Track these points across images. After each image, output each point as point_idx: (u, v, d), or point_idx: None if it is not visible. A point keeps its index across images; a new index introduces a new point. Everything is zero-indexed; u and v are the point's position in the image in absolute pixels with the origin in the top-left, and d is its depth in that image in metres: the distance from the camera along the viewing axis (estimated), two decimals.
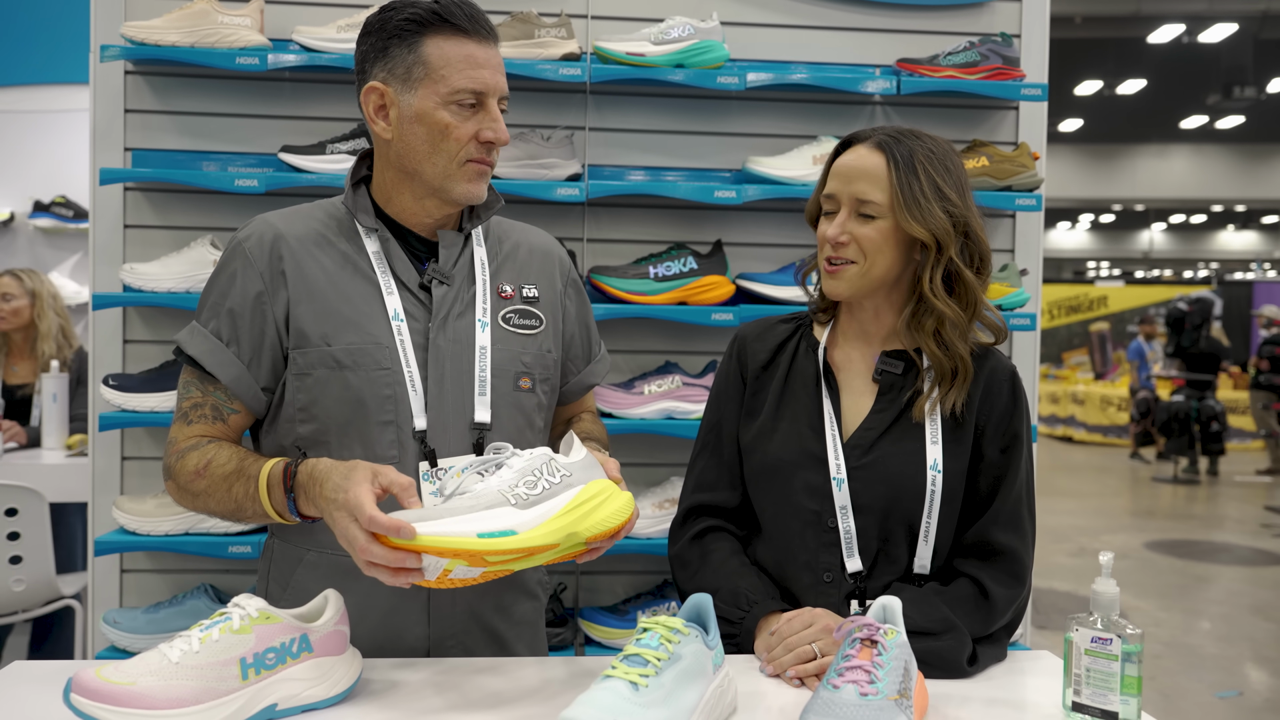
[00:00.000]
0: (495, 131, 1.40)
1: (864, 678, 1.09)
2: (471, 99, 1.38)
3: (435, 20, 1.37)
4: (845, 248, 1.46)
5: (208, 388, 1.41)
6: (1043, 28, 2.67)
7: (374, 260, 1.43)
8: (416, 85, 1.38)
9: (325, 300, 1.40)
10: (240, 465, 1.34)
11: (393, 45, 1.39)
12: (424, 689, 1.25)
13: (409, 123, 1.39)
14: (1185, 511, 8.65)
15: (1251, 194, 19.78)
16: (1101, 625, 1.16)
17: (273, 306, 1.40)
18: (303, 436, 1.41)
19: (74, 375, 3.76)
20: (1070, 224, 25.77)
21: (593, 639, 2.39)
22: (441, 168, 1.40)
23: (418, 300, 1.44)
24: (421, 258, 1.47)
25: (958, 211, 1.44)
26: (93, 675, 1.07)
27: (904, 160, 1.44)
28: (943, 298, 1.45)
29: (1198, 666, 4.62)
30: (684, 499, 1.62)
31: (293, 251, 1.42)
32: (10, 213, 4.90)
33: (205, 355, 1.40)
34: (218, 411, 1.41)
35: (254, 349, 1.40)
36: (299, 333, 1.40)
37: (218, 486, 1.34)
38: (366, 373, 1.39)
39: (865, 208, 1.45)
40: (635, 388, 2.43)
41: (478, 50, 1.39)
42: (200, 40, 2.32)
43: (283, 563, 1.46)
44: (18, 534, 2.93)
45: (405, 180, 1.43)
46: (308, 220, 1.46)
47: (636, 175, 2.58)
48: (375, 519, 1.11)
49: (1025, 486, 1.50)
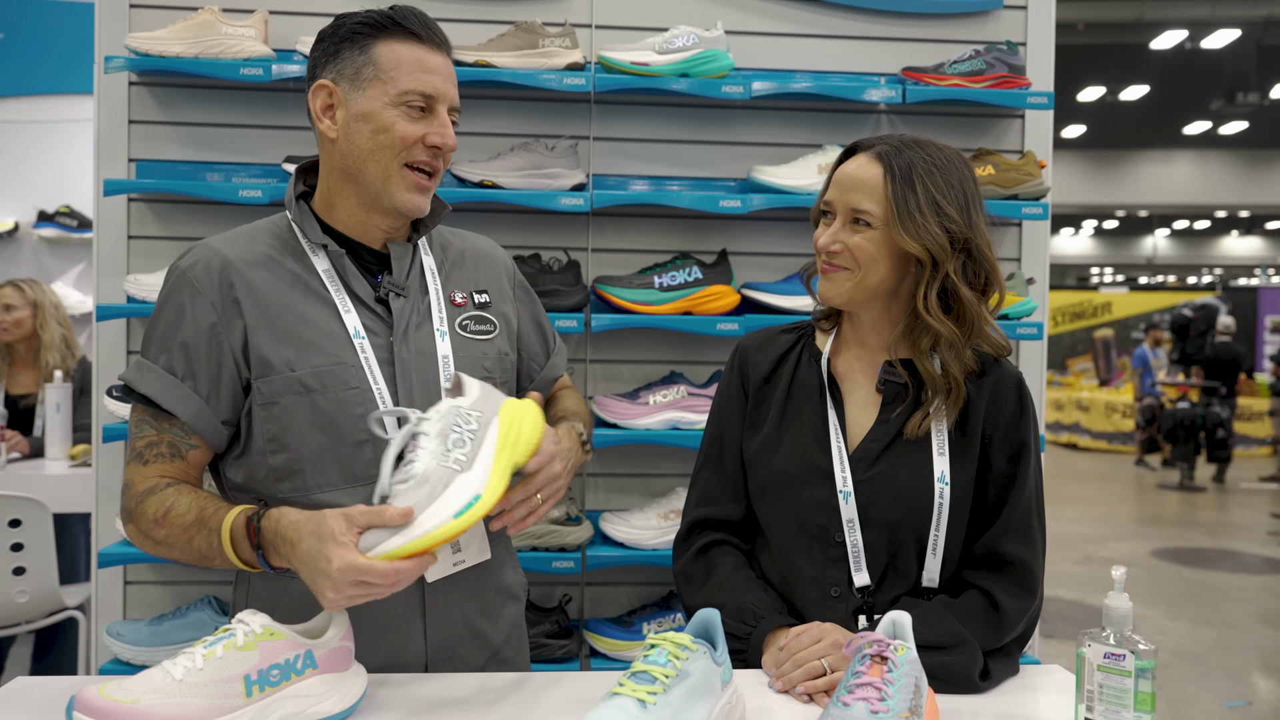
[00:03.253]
0: (443, 136, 1.39)
1: (875, 695, 1.08)
2: (420, 101, 1.37)
3: (389, 24, 1.38)
4: (838, 256, 1.46)
5: (162, 425, 1.35)
6: (1048, 36, 2.66)
7: (325, 278, 1.40)
8: (365, 85, 1.37)
9: (284, 324, 1.36)
10: (200, 515, 1.27)
11: (344, 48, 1.38)
12: (429, 705, 1.24)
13: (355, 121, 1.37)
14: (1191, 519, 8.61)
15: (1255, 199, 19.76)
16: (1114, 641, 1.15)
17: (228, 336, 1.35)
18: (275, 467, 1.36)
19: (77, 385, 3.76)
20: (1074, 230, 25.76)
21: (598, 651, 2.38)
22: (383, 168, 1.37)
23: (375, 315, 1.41)
24: (373, 270, 1.45)
25: (957, 229, 1.41)
26: (95, 693, 1.06)
27: (901, 172, 1.42)
28: (937, 316, 1.43)
29: (1206, 676, 4.59)
30: (687, 513, 1.61)
31: (243, 277, 1.37)
32: (14, 222, 4.90)
33: (160, 393, 1.34)
34: (175, 449, 1.35)
35: (211, 382, 1.35)
36: (260, 361, 1.35)
37: (178, 537, 1.29)
38: (336, 394, 1.35)
39: (860, 216, 1.44)
40: (640, 398, 2.42)
41: (429, 56, 1.39)
42: (204, 51, 2.32)
43: (262, 593, 1.40)
44: (21, 545, 2.92)
45: (347, 185, 1.41)
46: (252, 242, 1.41)
47: (641, 185, 2.57)
48: (378, 572, 1.12)
49: (1034, 495, 1.48)
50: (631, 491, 2.55)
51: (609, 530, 2.39)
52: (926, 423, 1.45)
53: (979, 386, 1.48)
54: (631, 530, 2.38)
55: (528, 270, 2.41)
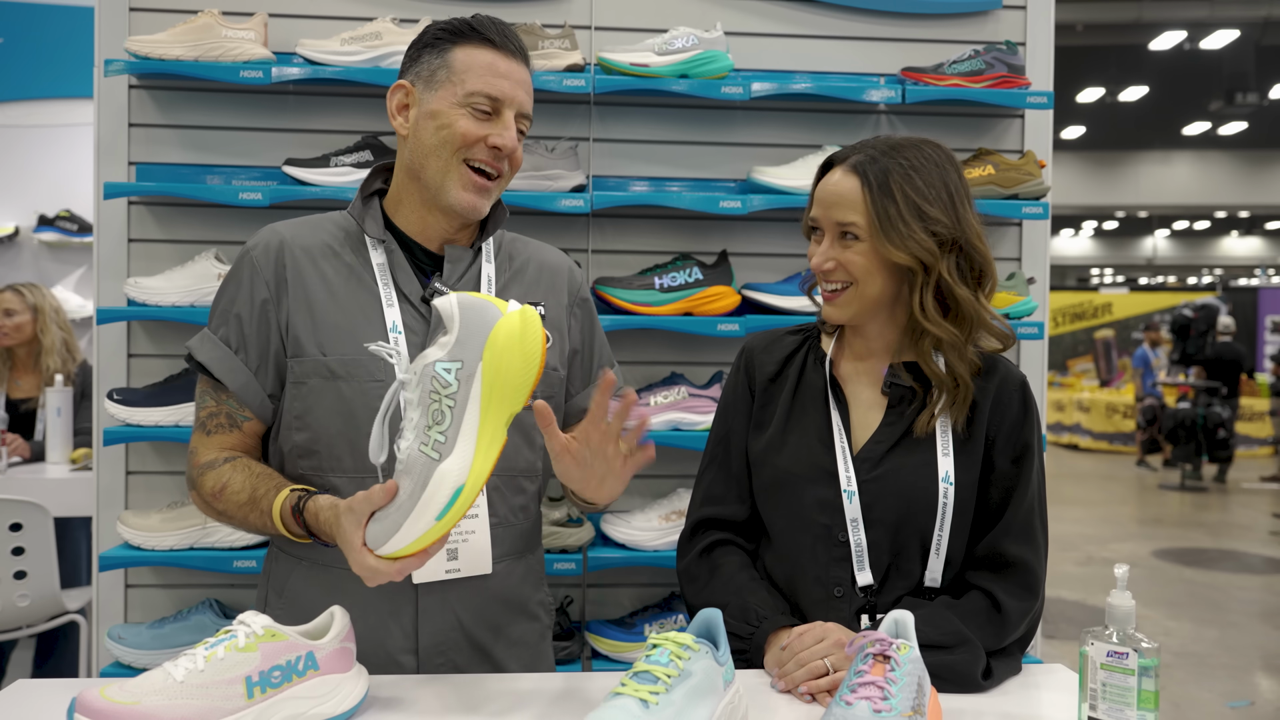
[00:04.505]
0: (504, 139, 1.41)
1: (877, 694, 1.08)
2: (487, 105, 1.41)
3: (468, 31, 1.43)
4: (834, 273, 1.46)
5: (221, 396, 1.43)
6: (1047, 35, 2.66)
7: (378, 272, 1.44)
8: (438, 86, 1.42)
9: (322, 310, 1.42)
10: (252, 495, 1.35)
11: (425, 52, 1.45)
12: (431, 707, 1.24)
13: (424, 119, 1.42)
14: (1193, 519, 8.61)
15: (1255, 200, 19.76)
16: (1117, 639, 1.15)
17: (277, 314, 1.42)
18: (297, 444, 1.42)
19: (78, 389, 3.76)
20: (1074, 231, 25.76)
21: (599, 652, 2.37)
22: (443, 163, 1.41)
23: (418, 314, 1.44)
24: (428, 272, 1.47)
25: (944, 229, 1.41)
26: (97, 695, 1.06)
27: (879, 182, 1.41)
28: (935, 320, 1.43)
29: (1208, 676, 4.59)
30: (691, 512, 1.61)
31: (296, 260, 1.44)
32: (15, 227, 4.91)
33: (214, 362, 1.42)
34: (232, 420, 1.43)
35: (260, 356, 1.43)
36: (295, 341, 1.42)
37: (235, 512, 1.37)
38: (359, 384, 1.40)
39: (847, 230, 1.44)
40: (641, 399, 2.42)
41: (501, 62, 1.43)
42: (204, 54, 2.32)
43: (279, 572, 1.48)
44: (22, 549, 2.92)
45: (413, 183, 1.45)
46: (316, 230, 1.49)
47: (641, 186, 2.57)
48: (385, 573, 1.16)
49: (1037, 497, 1.48)
50: (633, 493, 2.55)
51: (610, 532, 2.39)
52: (934, 421, 1.45)
53: (983, 389, 1.48)
54: (633, 531, 2.37)
55: None
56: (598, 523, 2.45)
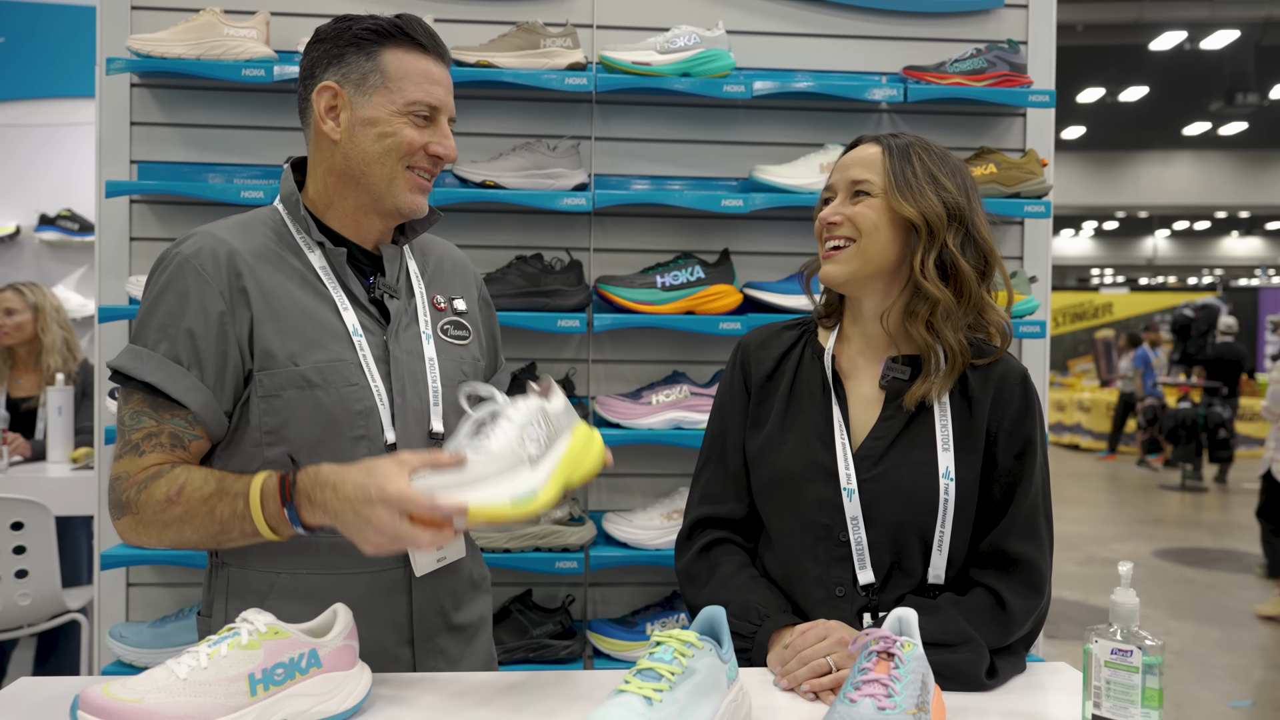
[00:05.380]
0: (445, 147, 1.42)
1: (881, 691, 1.08)
2: (425, 112, 1.40)
3: (396, 33, 1.39)
4: (839, 227, 1.48)
5: (163, 415, 1.33)
6: (1049, 34, 2.66)
7: (321, 275, 1.41)
8: (372, 92, 1.38)
9: (289, 318, 1.36)
10: (220, 485, 1.28)
11: (349, 52, 1.39)
12: (434, 704, 1.24)
13: (361, 126, 1.39)
14: (1193, 519, 8.60)
15: (1255, 200, 19.75)
16: (1121, 637, 1.14)
17: (235, 327, 1.34)
18: (270, 460, 1.35)
19: (79, 388, 3.76)
20: (1074, 231, 25.75)
21: (601, 651, 2.37)
22: (388, 172, 1.40)
23: (369, 314, 1.43)
24: (364, 271, 1.46)
25: (952, 199, 1.45)
26: (99, 692, 1.05)
27: (899, 150, 1.49)
28: (934, 281, 1.44)
29: (1210, 676, 4.58)
30: (689, 512, 1.60)
31: (250, 268, 1.36)
32: (16, 226, 4.90)
33: (166, 381, 1.31)
34: (176, 439, 1.33)
35: (217, 372, 1.33)
36: (265, 353, 1.35)
37: (197, 510, 1.27)
38: (337, 390, 1.36)
39: (860, 188, 1.48)
40: (643, 398, 2.41)
41: (434, 68, 1.42)
42: (206, 53, 2.32)
43: (246, 592, 1.38)
44: (23, 548, 2.92)
45: (347, 187, 1.42)
46: (251, 234, 1.41)
47: (642, 184, 2.57)
48: (437, 505, 1.13)
49: (1041, 493, 1.47)
50: (634, 491, 2.55)
51: (612, 530, 2.39)
52: (929, 396, 1.45)
53: (983, 383, 1.48)
54: (634, 530, 2.37)
55: (530, 270, 2.41)
56: (599, 521, 2.45)
